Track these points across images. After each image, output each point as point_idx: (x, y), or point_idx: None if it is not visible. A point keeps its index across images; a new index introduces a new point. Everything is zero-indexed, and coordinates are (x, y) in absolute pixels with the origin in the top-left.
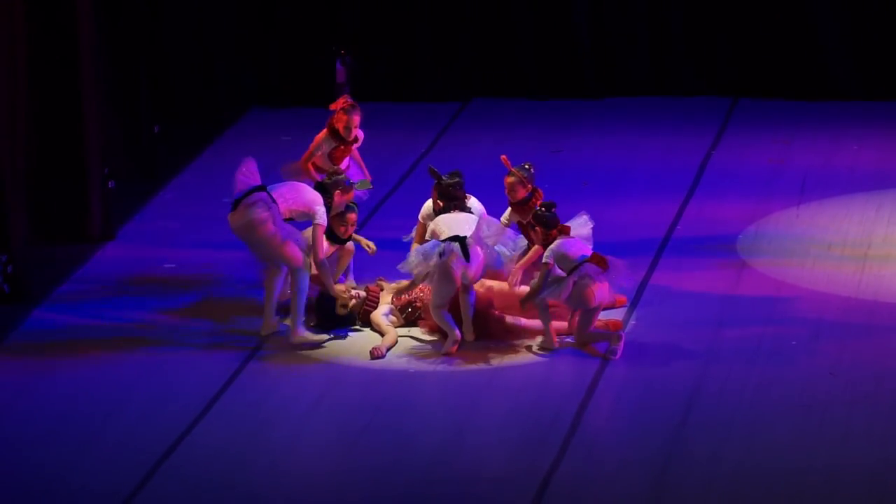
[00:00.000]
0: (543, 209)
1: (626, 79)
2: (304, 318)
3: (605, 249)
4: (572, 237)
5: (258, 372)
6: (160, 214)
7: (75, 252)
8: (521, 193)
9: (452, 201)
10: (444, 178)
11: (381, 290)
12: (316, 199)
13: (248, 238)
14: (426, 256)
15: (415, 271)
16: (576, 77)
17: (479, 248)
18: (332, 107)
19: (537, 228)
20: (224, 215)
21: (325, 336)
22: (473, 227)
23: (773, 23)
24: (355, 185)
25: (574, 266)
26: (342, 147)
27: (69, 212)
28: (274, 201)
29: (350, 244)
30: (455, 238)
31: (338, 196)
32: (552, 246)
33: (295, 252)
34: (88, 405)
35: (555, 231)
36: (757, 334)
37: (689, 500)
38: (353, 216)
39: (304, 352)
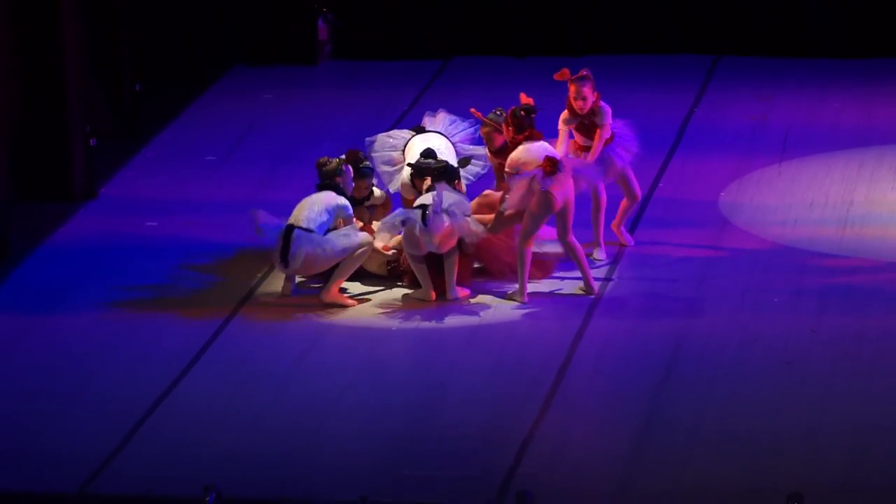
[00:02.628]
0: (523, 112)
1: (609, 36)
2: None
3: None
4: (538, 143)
5: (240, 330)
6: (142, 173)
7: (57, 210)
8: (499, 140)
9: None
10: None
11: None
12: (328, 199)
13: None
14: (392, 227)
15: (386, 242)
16: (558, 34)
17: (444, 217)
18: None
19: (510, 129)
20: (207, 174)
21: (354, 301)
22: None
23: None
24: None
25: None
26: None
27: (51, 170)
28: (309, 230)
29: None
30: (421, 206)
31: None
32: (513, 153)
33: (354, 242)
34: (69, 364)
35: (521, 136)
36: (739, 292)
37: (669, 459)
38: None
39: (285, 312)
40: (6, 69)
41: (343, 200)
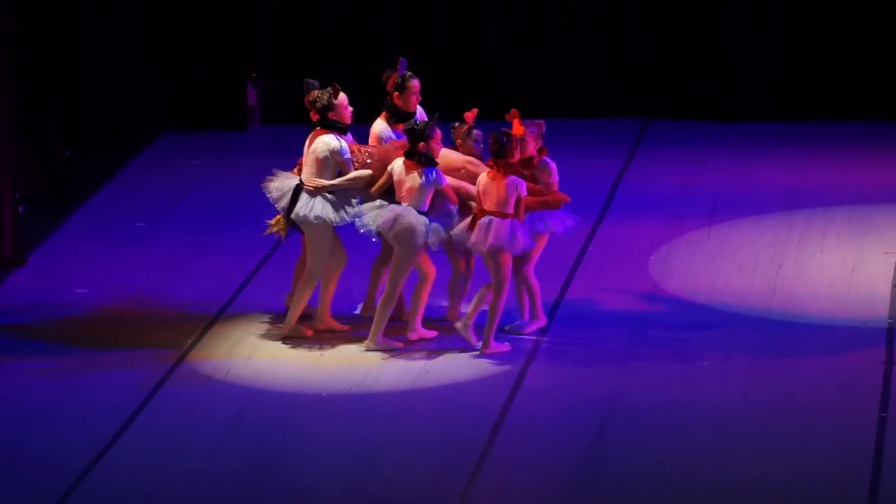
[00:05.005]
0: (495, 145)
1: (540, 100)
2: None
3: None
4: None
5: (173, 394)
6: (72, 239)
7: None
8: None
9: None
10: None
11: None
12: (322, 147)
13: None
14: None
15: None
16: (488, 98)
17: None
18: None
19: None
20: (136, 239)
21: (346, 326)
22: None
23: (686, 44)
24: None
25: None
26: None
27: None
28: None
29: None
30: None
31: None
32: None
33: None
34: None
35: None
36: (669, 354)
37: None
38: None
39: (218, 374)
40: None
41: (334, 144)
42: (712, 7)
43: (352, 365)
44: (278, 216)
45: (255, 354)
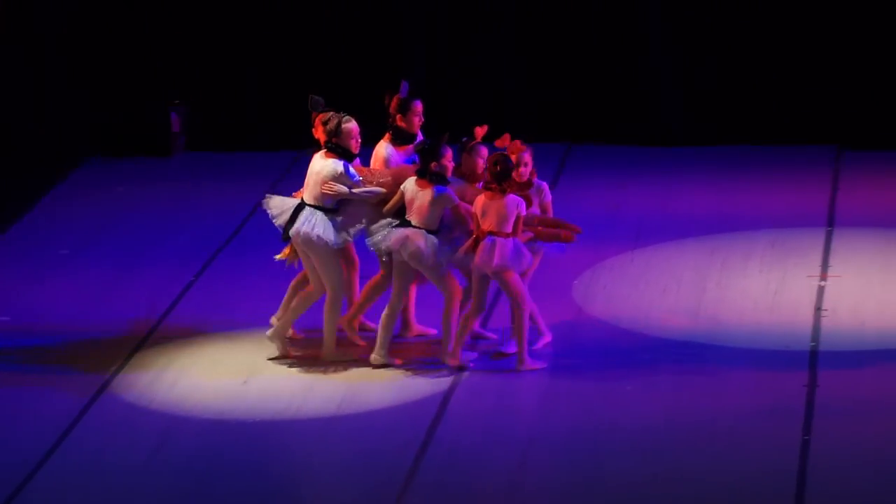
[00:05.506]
0: (499, 167)
1: (462, 124)
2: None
3: (439, 297)
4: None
5: (96, 422)
6: None
7: None
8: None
9: None
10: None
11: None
12: (326, 170)
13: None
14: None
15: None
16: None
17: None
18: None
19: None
20: (60, 267)
21: (362, 342)
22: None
23: (608, 69)
24: None
25: None
26: None
27: None
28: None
29: None
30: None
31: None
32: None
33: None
34: None
35: (495, 186)
36: (592, 379)
37: None
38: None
39: (142, 402)
40: None
41: (339, 168)
42: (635, 33)
43: (277, 391)
44: (288, 246)
45: (179, 382)
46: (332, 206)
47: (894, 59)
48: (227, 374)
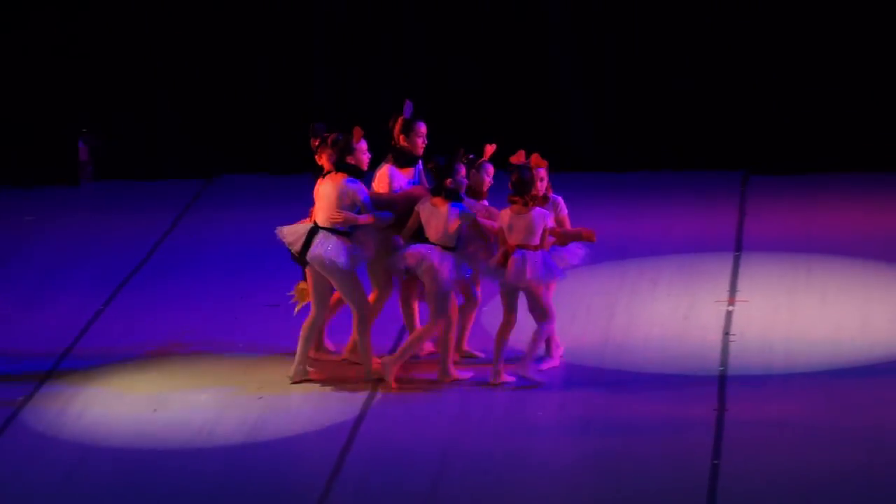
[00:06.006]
0: (514, 179)
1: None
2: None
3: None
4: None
5: (5, 454)
6: None
7: None
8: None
9: None
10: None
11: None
12: (341, 190)
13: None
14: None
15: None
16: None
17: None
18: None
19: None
20: None
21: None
22: None
23: (516, 95)
24: None
25: None
26: None
27: None
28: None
29: None
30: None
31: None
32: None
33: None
34: None
35: (518, 199)
36: (502, 406)
37: None
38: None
39: (51, 432)
40: None
41: (353, 186)
42: (544, 58)
43: (187, 419)
44: (300, 284)
45: (88, 411)
46: (345, 230)
47: (799, 84)
48: (138, 403)
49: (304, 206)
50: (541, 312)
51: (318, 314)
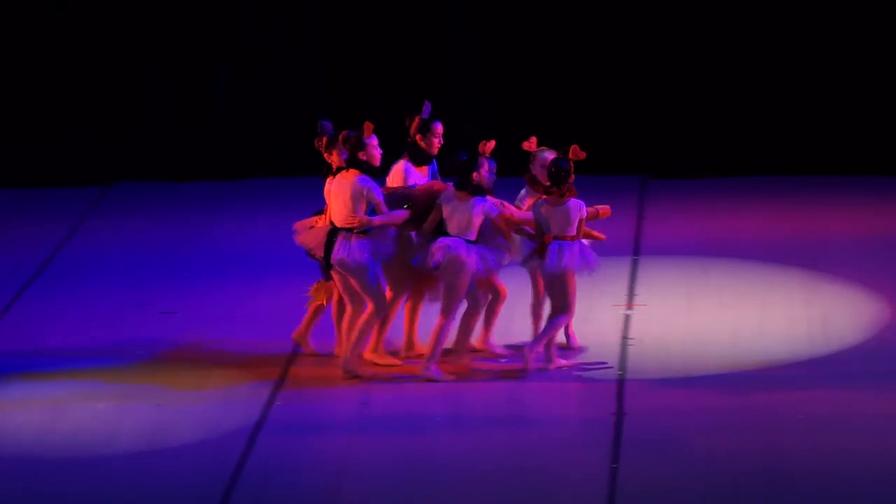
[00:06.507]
0: (553, 168)
1: (273, 158)
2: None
3: (251, 332)
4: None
5: None
6: None
7: None
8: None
9: None
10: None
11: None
12: (354, 189)
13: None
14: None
15: None
16: (220, 157)
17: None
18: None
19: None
20: None
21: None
22: None
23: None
24: None
25: None
26: None
27: None
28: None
29: None
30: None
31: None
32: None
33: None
34: None
35: (555, 189)
36: (400, 413)
37: None
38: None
39: None
40: None
41: (367, 184)
42: (444, 65)
43: (87, 426)
44: (317, 283)
45: None
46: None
47: (697, 90)
48: (36, 411)
49: (202, 212)
50: (563, 304)
51: (355, 310)
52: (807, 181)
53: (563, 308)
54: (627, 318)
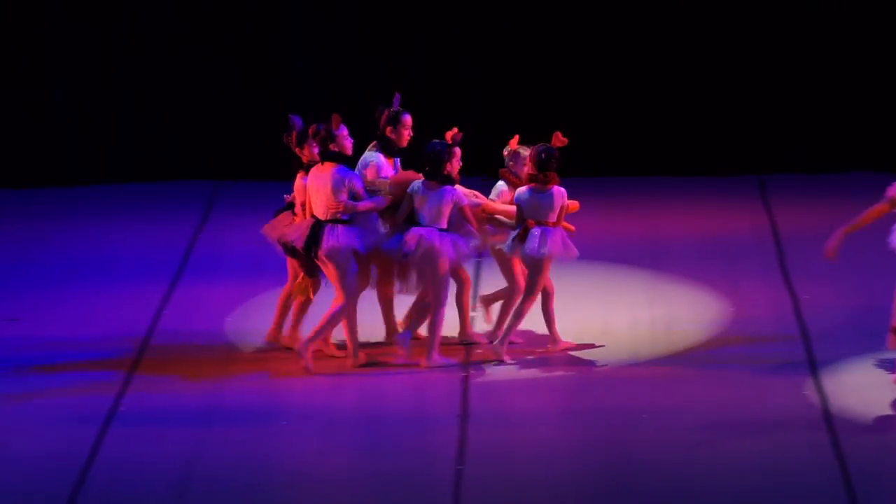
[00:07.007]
0: (544, 154)
1: (110, 164)
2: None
3: (95, 338)
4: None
5: None
6: None
7: None
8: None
9: None
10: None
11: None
12: (334, 180)
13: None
14: None
15: None
16: (60, 164)
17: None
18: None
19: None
20: None
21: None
22: None
23: (249, 106)
24: None
25: None
26: None
27: None
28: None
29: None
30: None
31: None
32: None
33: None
34: None
35: (540, 176)
36: (246, 415)
37: None
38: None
39: None
40: None
41: (346, 175)
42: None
43: None
44: (300, 280)
45: None
46: (347, 217)
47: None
48: None
49: (40, 219)
50: (531, 288)
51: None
52: (644, 182)
53: (530, 293)
54: (472, 320)
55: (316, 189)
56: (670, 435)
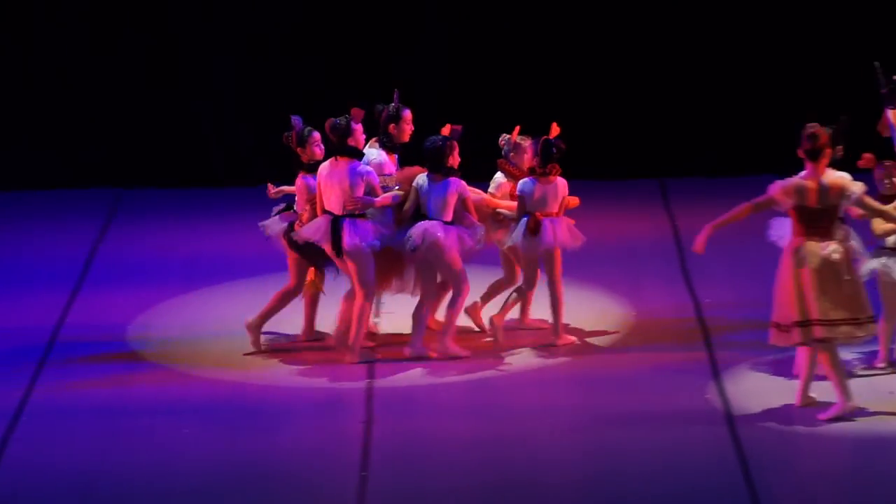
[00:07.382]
0: (554, 149)
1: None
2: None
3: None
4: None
5: None
6: None
7: None
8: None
9: None
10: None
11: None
12: (351, 174)
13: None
14: None
15: None
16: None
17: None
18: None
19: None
20: None
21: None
22: None
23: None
24: None
25: None
26: None
27: None
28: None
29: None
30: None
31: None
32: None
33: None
34: None
35: (542, 169)
36: (147, 424)
37: None
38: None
39: None
40: None
41: (364, 171)
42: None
43: None
44: (311, 277)
45: None
46: (364, 212)
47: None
48: None
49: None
50: (555, 278)
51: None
52: None
53: (556, 282)
54: (375, 326)
55: (331, 186)
56: (571, 435)
